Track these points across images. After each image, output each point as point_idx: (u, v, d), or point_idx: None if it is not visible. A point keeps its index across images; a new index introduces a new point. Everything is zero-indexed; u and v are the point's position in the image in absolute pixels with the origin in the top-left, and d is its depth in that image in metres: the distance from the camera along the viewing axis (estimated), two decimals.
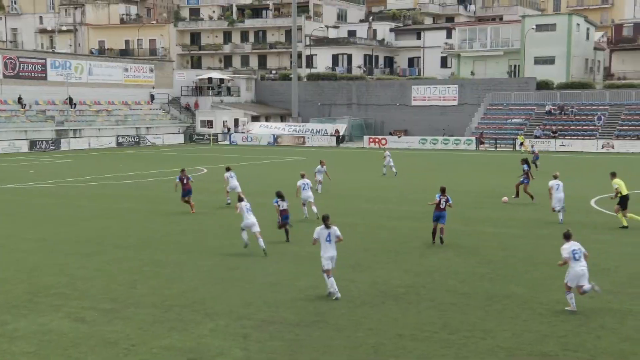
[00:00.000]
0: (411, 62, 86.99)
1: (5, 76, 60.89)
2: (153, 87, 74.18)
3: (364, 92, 74.49)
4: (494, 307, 12.95)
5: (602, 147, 57.61)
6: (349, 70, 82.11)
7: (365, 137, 66.43)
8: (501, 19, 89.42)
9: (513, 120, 64.53)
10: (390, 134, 69.16)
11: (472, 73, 76.18)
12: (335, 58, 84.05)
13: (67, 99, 63.78)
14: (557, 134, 60.37)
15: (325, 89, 76.19)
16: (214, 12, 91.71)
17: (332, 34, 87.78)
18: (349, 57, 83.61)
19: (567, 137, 59.89)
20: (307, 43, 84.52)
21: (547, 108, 64.35)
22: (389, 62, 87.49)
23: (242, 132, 70.25)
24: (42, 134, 59.37)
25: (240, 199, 17.85)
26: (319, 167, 29.63)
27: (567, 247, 12.81)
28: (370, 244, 18.92)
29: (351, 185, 32.69)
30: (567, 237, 13.01)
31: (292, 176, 36.21)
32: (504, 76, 73.86)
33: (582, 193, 29.53)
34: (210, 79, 77.22)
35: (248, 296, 13.61)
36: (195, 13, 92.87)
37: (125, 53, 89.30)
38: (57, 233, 20.61)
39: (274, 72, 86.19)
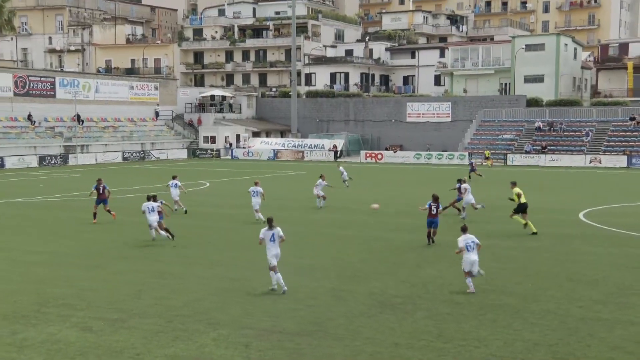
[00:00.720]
0: (406, 80, 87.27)
1: (15, 94, 61.00)
2: (158, 105, 74.30)
3: (360, 108, 74.65)
4: (487, 317, 12.93)
5: (590, 162, 57.71)
6: (346, 87, 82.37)
7: (362, 152, 66.51)
8: (492, 39, 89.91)
9: (504, 136, 64.67)
10: (387, 149, 69.26)
11: (465, 91, 76.44)
12: (333, 76, 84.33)
13: (74, 115, 63.86)
14: (546, 150, 60.49)
15: (324, 106, 76.34)
16: (216, 32, 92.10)
17: (330, 53, 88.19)
18: (346, 75, 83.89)
19: (556, 153, 60.00)
20: (306, 62, 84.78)
21: (536, 124, 64.51)
22: (385, 80, 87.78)
23: (244, 148, 70.31)
24: (51, 149, 59.38)
25: (149, 198, 20.73)
26: (320, 180, 29.43)
27: (463, 239, 14.64)
28: (367, 255, 18.91)
29: (348, 198, 32.71)
30: (464, 230, 15.01)
31: (293, 189, 36.28)
32: (495, 94, 74.10)
33: (571, 206, 29.55)
34: (212, 97, 77.40)
35: (249, 306, 13.58)
36: (198, 33, 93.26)
37: (131, 72, 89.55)
38: (64, 246, 20.57)
39: (274, 89, 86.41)
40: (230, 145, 70.96)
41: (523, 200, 22.32)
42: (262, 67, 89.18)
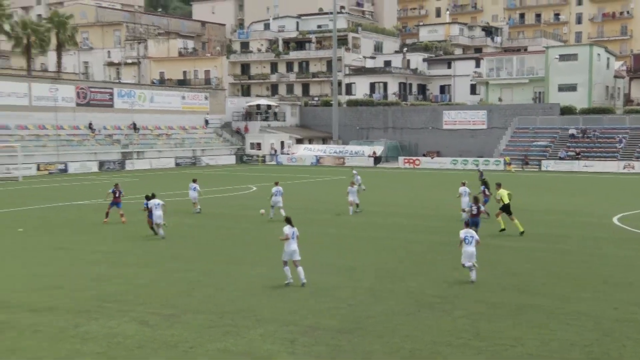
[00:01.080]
0: (442, 89, 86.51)
1: (78, 104, 62.54)
2: (207, 113, 75.28)
3: (399, 116, 74.29)
4: (522, 317, 12.71)
5: (624, 168, 56.22)
6: (385, 96, 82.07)
7: (400, 158, 66.15)
8: (526, 49, 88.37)
9: (538, 143, 63.51)
10: (424, 155, 68.74)
11: (500, 99, 75.35)
12: (372, 86, 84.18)
13: (131, 124, 65.15)
14: (580, 156, 59.17)
15: (364, 114, 76.24)
16: (262, 45, 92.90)
17: (369, 64, 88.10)
18: (385, 84, 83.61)
19: (589, 159, 58.62)
20: (347, 72, 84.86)
21: (570, 132, 63.17)
22: (422, 89, 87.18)
23: (288, 154, 70.67)
24: (110, 155, 60.67)
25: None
26: (350, 187, 28.24)
27: (463, 232, 15.53)
28: (404, 257, 18.79)
29: (386, 201, 32.55)
30: (466, 224, 16.27)
31: (333, 193, 36.32)
32: (530, 102, 72.83)
33: (605, 211, 28.84)
34: (258, 106, 78.05)
35: (293, 304, 13.63)
36: (245, 46, 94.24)
37: (182, 83, 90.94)
38: (120, 246, 20.99)
39: (316, 98, 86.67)
40: (275, 151, 71.42)
41: (506, 201, 22.34)
42: (305, 78, 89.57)
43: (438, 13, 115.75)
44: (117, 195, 25.77)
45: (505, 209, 22.29)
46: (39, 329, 12.02)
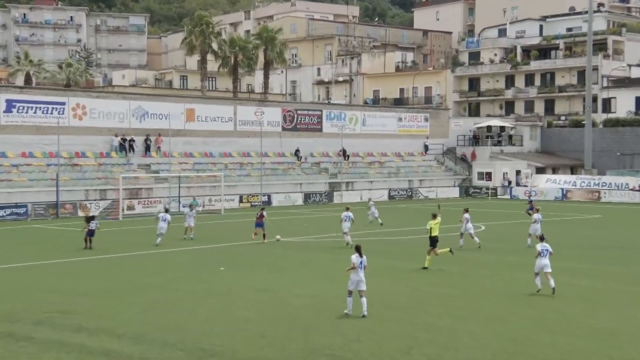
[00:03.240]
0: None
1: (284, 129, 67.00)
2: (427, 137, 76.06)
3: None
4: None
5: None
6: None
7: None
8: None
9: None
10: None
11: None
12: (638, 101, 78.78)
13: (340, 150, 67.98)
14: None
15: (627, 137, 71.60)
16: (495, 55, 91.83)
17: (635, 73, 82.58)
18: None
19: None
20: (604, 85, 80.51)
21: None
22: None
23: (525, 186, 68.57)
24: (316, 186, 63.85)
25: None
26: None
27: (539, 246, 20.86)
28: None
29: None
30: (541, 239, 21.42)
31: (589, 235, 34.41)
32: None
33: None
34: (489, 127, 77.08)
35: None
36: (474, 57, 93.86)
37: (399, 102, 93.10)
38: (329, 289, 21.84)
39: (563, 118, 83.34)
40: (509, 182, 69.76)
41: (433, 233, 25.42)
42: (548, 93, 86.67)
43: None
44: (259, 216, 33.61)
45: (430, 242, 25.47)
46: None
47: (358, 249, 17.96)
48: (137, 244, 33.51)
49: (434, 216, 26.31)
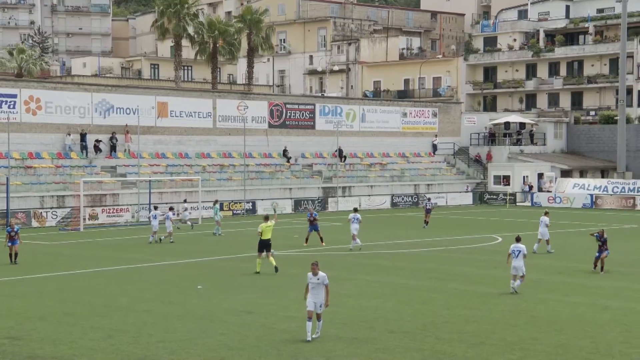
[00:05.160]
0: None
1: (271, 125, 66.90)
2: (436, 136, 76.19)
3: None
4: None
5: None
6: None
7: None
8: None
9: None
10: None
11: None
12: None
13: (336, 151, 67.95)
14: None
15: None
16: (514, 40, 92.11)
17: None
18: None
19: None
20: None
21: None
22: None
23: (549, 191, 68.74)
24: (308, 192, 63.76)
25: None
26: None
27: (512, 247, 24.57)
28: None
29: None
30: (517, 240, 24.98)
31: (622, 250, 34.50)
32: None
33: None
34: (507, 124, 77.24)
35: None
36: (490, 43, 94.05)
37: (404, 95, 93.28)
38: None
39: (592, 113, 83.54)
40: (531, 187, 69.91)
41: (264, 237, 28.44)
42: (576, 84, 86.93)
43: None
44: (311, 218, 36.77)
45: (260, 245, 28.58)
46: None
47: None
48: (101, 259, 33.48)
49: (266, 218, 29.31)
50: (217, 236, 42.26)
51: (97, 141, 56.85)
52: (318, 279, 18.43)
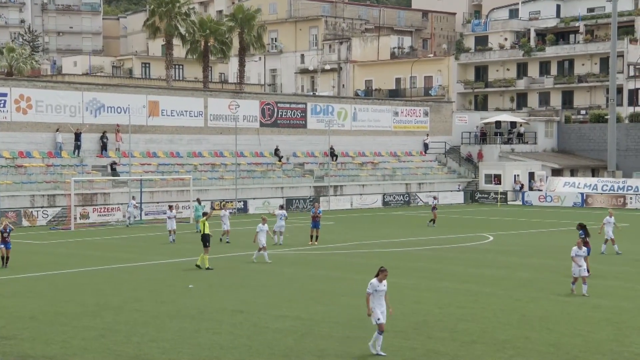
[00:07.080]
0: None
1: (262, 125, 66.89)
2: (427, 135, 76.30)
3: None
4: None
5: None
6: None
7: None
8: None
9: None
10: None
11: None
12: None
13: (327, 149, 67.98)
14: None
15: None
16: (505, 39, 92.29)
17: None
18: None
19: None
20: (631, 74, 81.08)
21: None
22: None
23: (539, 190, 68.93)
24: (299, 191, 63.79)
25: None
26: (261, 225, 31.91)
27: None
28: None
29: None
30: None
31: (623, 247, 34.63)
32: None
33: None
34: (498, 123, 77.42)
35: None
36: (482, 42, 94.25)
37: (395, 94, 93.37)
38: (314, 311, 21.88)
39: (583, 112, 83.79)
40: (522, 186, 70.09)
41: (205, 231, 29.71)
42: (566, 83, 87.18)
43: None
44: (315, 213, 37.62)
45: (202, 240, 29.70)
46: None
47: (381, 274, 17.21)
48: (92, 258, 33.41)
49: (205, 214, 32.80)
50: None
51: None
52: (385, 286, 17.19)
